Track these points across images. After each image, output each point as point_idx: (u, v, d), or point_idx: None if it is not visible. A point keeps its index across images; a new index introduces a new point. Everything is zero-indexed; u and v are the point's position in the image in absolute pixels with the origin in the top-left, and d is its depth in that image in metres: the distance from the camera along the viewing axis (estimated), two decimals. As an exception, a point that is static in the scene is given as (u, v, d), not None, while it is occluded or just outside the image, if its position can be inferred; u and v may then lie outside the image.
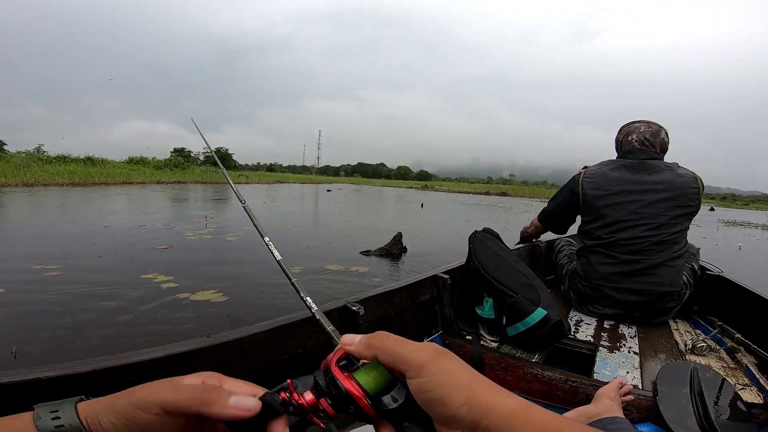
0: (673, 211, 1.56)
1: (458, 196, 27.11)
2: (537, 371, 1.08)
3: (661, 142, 1.70)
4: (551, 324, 1.21)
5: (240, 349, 0.74)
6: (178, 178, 24.17)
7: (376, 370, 0.33)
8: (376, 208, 12.96)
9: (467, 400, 0.28)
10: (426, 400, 0.29)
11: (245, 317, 2.50)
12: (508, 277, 1.33)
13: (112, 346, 1.99)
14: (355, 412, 0.32)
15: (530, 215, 12.75)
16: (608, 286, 1.60)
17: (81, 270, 3.29)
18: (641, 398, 0.98)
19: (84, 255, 3.83)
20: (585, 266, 1.70)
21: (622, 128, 1.80)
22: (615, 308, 1.61)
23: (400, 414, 0.32)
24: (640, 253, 1.56)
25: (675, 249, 1.56)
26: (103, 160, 25.91)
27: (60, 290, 2.75)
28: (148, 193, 13.25)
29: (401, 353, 0.31)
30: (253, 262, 3.82)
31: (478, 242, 1.49)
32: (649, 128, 1.71)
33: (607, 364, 1.24)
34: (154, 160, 31.44)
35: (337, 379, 0.32)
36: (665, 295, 1.56)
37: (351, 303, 0.98)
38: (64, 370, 0.54)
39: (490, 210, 14.79)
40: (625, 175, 1.64)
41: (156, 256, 3.97)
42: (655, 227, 1.55)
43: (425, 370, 0.29)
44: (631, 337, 1.47)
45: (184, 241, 4.77)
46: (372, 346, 0.32)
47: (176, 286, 3.00)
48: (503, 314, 1.30)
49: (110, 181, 18.34)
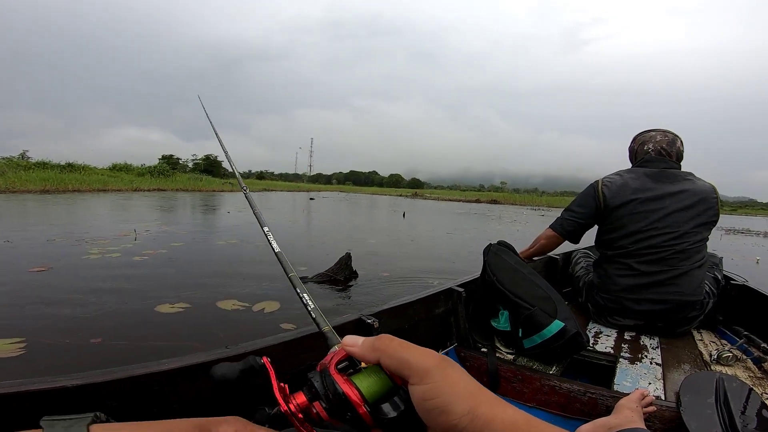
0: (694, 220, 1.54)
1: (447, 205, 26.24)
2: (554, 383, 1.08)
3: (677, 151, 1.67)
4: (569, 336, 1.20)
5: (277, 355, 0.72)
6: (159, 186, 23.52)
7: (375, 376, 0.32)
8: (353, 218, 11.92)
9: (470, 410, 0.27)
10: (428, 408, 0.28)
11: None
12: (523, 289, 1.32)
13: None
14: (351, 418, 0.30)
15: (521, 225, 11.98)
16: (628, 297, 1.57)
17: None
18: (664, 409, 0.96)
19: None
20: (602, 278, 1.67)
21: (636, 137, 1.77)
22: (635, 319, 1.58)
23: (399, 424, 0.30)
24: (661, 262, 1.53)
25: (696, 258, 1.54)
26: (84, 167, 25.85)
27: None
28: (112, 202, 12.24)
29: (406, 357, 0.30)
30: (131, 293, 2.81)
31: (493, 255, 1.47)
32: (666, 137, 1.68)
33: (628, 376, 1.21)
34: (140, 167, 30.97)
35: (336, 383, 0.31)
36: (687, 304, 1.53)
37: (366, 316, 0.98)
38: (89, 378, 0.53)
39: (478, 219, 13.87)
40: (647, 184, 1.60)
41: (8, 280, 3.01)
42: (678, 236, 1.53)
43: (430, 376, 0.29)
44: (653, 348, 1.45)
45: (77, 261, 3.73)
46: (376, 348, 0.32)
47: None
48: (519, 326, 1.29)
49: (84, 188, 18.04)
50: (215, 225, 7.85)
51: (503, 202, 34.08)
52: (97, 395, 0.54)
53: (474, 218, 14.36)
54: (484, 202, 34.51)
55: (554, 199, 44.89)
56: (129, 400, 0.57)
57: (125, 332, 2.14)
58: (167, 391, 0.61)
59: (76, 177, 20.48)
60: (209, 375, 0.33)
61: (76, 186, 17.92)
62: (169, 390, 0.61)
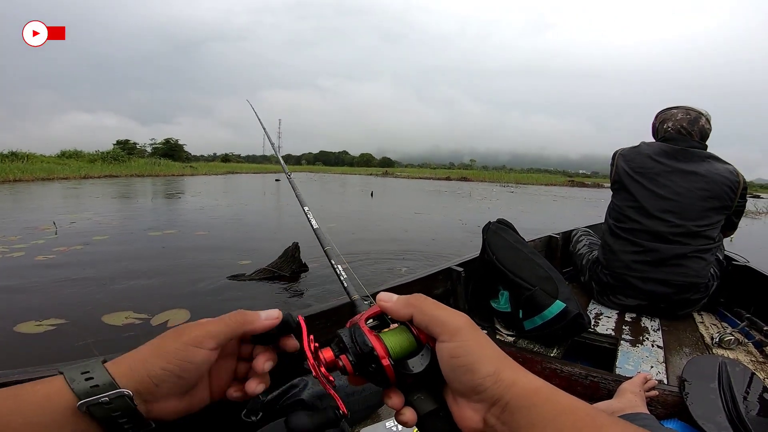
0: (704, 203, 1.48)
1: (418, 183, 25.94)
2: (556, 366, 1.07)
3: (701, 129, 1.58)
4: (570, 317, 1.17)
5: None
6: (111, 172, 22.06)
7: (402, 335, 0.33)
8: (318, 200, 11.31)
9: (495, 371, 0.28)
10: (454, 366, 0.29)
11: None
12: (524, 269, 1.28)
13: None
14: (375, 371, 0.31)
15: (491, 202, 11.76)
16: (632, 275, 1.53)
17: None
18: (667, 393, 0.96)
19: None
20: (607, 254, 1.64)
21: (658, 114, 1.70)
22: (639, 299, 1.54)
23: (420, 381, 0.31)
24: (665, 241, 1.49)
25: (703, 241, 1.49)
26: (29, 155, 24.06)
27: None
28: (52, 192, 11.02)
29: (439, 315, 0.31)
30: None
31: (493, 233, 1.42)
32: (687, 115, 1.59)
33: (630, 359, 1.20)
34: (94, 153, 29.14)
35: (366, 335, 0.32)
36: (692, 286, 1.49)
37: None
38: None
39: (448, 198, 13.59)
40: (661, 159, 1.55)
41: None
42: (684, 217, 1.48)
43: (460, 335, 0.30)
44: (654, 331, 1.42)
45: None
46: (410, 304, 0.33)
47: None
48: (520, 307, 1.26)
49: (27, 177, 16.63)
50: (156, 213, 7.05)
51: (473, 179, 34.21)
52: None
53: (444, 196, 14.07)
54: (454, 179, 34.52)
55: (521, 176, 45.47)
56: None
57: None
58: None
59: (17, 166, 18.85)
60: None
61: (18, 176, 16.49)
62: None
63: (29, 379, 0.48)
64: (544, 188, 26.24)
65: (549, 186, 30.60)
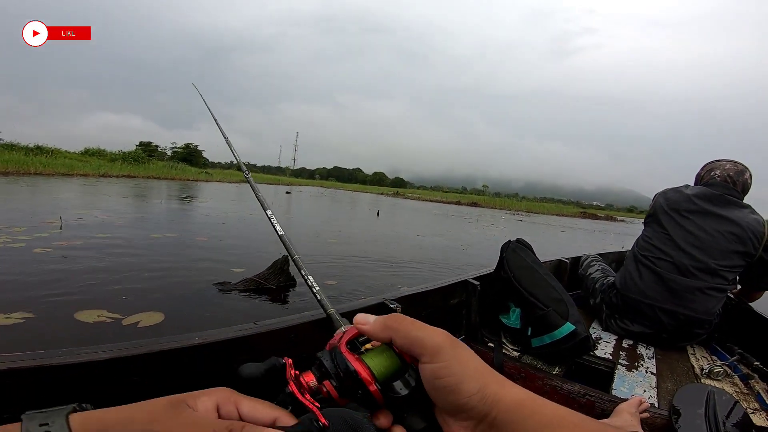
0: (729, 245, 1.54)
1: (427, 205, 25.94)
2: (556, 383, 1.11)
3: (744, 182, 1.68)
4: (578, 339, 1.24)
5: (284, 339, 0.74)
6: (130, 172, 22.58)
7: (385, 355, 0.32)
8: (322, 215, 11.31)
9: (479, 389, 0.28)
10: (438, 387, 0.29)
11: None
12: (539, 289, 1.33)
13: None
14: (362, 397, 0.31)
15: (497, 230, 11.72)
16: (644, 302, 1.61)
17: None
18: (657, 416, 1.01)
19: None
20: (626, 278, 1.71)
21: (706, 165, 1.79)
22: (644, 326, 1.62)
23: (408, 402, 0.31)
24: (684, 274, 1.56)
25: (720, 281, 1.55)
26: (53, 150, 25.09)
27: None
28: (69, 187, 11.33)
29: (419, 336, 0.30)
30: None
31: (512, 252, 1.47)
32: (735, 167, 1.69)
33: (625, 382, 1.27)
34: (116, 152, 30.16)
35: (348, 361, 0.31)
36: (698, 321, 1.56)
37: (389, 300, 1.01)
38: (117, 352, 0.53)
39: (454, 221, 13.52)
40: (698, 200, 1.64)
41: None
42: (707, 254, 1.55)
43: (441, 355, 0.29)
44: (649, 358, 1.49)
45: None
46: (389, 327, 0.32)
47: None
48: (530, 325, 1.31)
49: (48, 171, 17.35)
50: (161, 215, 7.15)
51: (483, 206, 34.04)
52: (124, 370, 0.54)
53: (451, 220, 14.01)
54: (464, 204, 34.42)
55: (533, 205, 45.12)
56: (156, 376, 0.57)
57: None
58: (197, 364, 0.62)
59: (40, 160, 19.60)
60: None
61: (39, 169, 17.03)
62: (199, 363, 0.62)
63: (51, 365, 0.49)
64: (554, 218, 25.99)
65: (560, 216, 30.29)
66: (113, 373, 0.53)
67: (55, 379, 0.49)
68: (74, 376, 0.50)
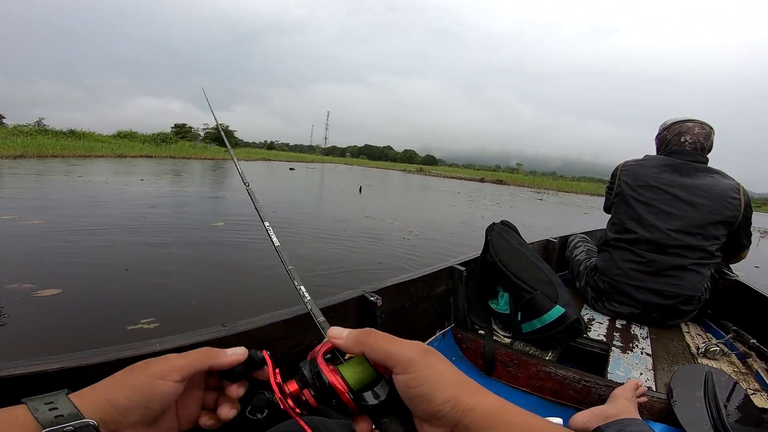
0: (704, 218, 1.50)
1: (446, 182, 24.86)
2: (550, 369, 1.09)
3: (710, 145, 1.63)
4: (568, 322, 1.20)
5: (256, 340, 0.73)
6: (148, 153, 22.78)
7: (361, 365, 0.34)
8: (297, 190, 10.56)
9: (451, 398, 0.29)
10: (411, 396, 0.30)
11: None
12: (526, 272, 1.29)
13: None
14: (337, 405, 0.33)
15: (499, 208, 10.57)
16: (628, 283, 1.58)
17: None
18: (655, 400, 0.98)
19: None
20: (606, 261, 1.67)
21: (671, 126, 1.67)
22: (632, 307, 1.58)
23: (380, 411, 0.32)
24: (664, 252, 1.53)
25: (701, 255, 1.51)
26: (84, 133, 25.69)
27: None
28: (70, 169, 11.24)
29: (390, 350, 0.31)
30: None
31: (497, 235, 1.43)
32: (703, 130, 1.61)
33: (621, 365, 1.22)
34: (144, 135, 30.99)
35: (322, 372, 0.33)
36: (685, 298, 1.53)
37: (369, 293, 0.96)
38: (71, 361, 0.51)
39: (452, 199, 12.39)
40: (664, 173, 1.59)
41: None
42: (683, 231, 1.51)
43: (413, 366, 0.30)
44: (644, 338, 1.45)
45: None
46: (360, 342, 0.33)
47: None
48: (519, 310, 1.28)
49: (67, 153, 17.41)
50: (146, 196, 6.92)
51: (510, 183, 32.41)
52: (80, 379, 0.50)
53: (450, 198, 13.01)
54: (489, 181, 32.93)
55: (567, 184, 42.36)
56: None
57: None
58: None
59: (60, 143, 19.71)
60: None
61: (58, 152, 17.00)
62: None
63: (27, 373, 0.46)
64: (586, 197, 24.25)
65: (592, 196, 28.24)
66: (66, 385, 0.43)
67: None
68: (23, 387, 0.47)
